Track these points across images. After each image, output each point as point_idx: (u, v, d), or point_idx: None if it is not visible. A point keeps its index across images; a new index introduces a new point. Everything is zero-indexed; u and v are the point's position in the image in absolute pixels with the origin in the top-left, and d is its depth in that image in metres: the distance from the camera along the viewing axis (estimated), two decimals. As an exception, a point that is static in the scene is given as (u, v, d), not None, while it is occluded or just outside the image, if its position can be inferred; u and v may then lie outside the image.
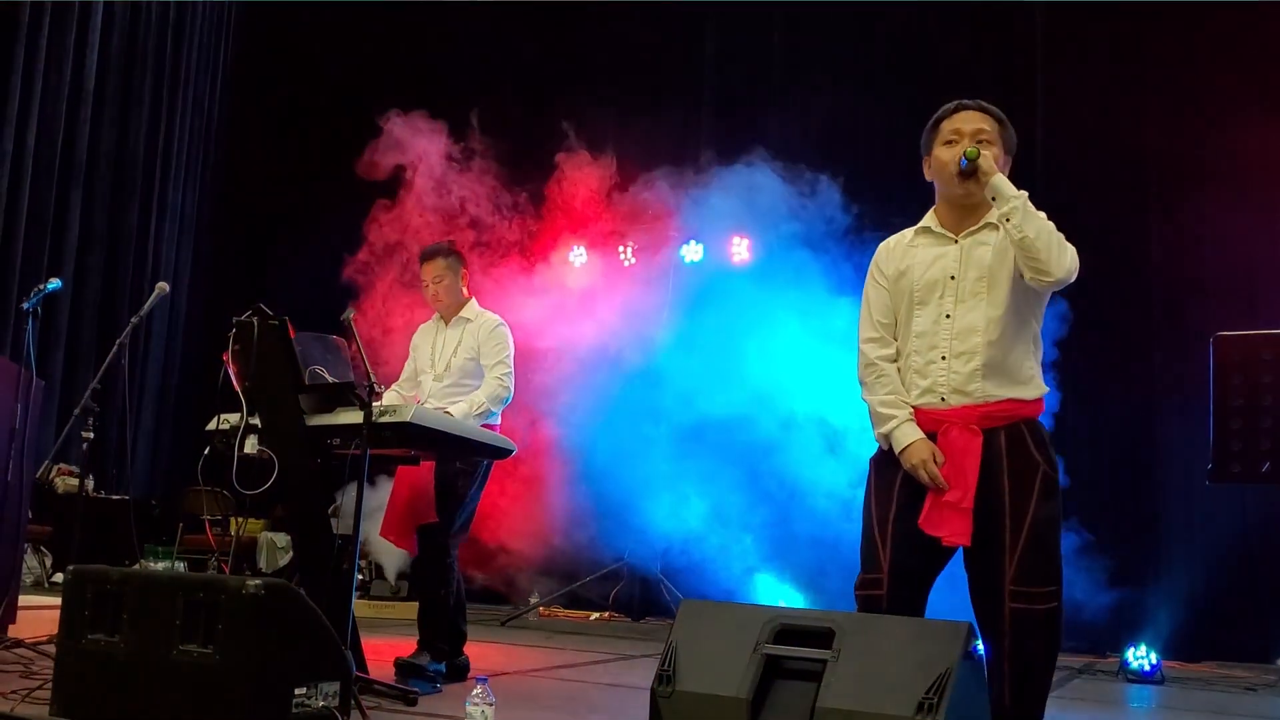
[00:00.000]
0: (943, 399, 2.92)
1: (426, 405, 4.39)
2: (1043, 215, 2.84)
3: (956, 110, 3.03)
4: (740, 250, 7.90)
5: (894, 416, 2.95)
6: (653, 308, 7.91)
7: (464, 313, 4.71)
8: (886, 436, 2.96)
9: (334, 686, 3.08)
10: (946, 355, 2.92)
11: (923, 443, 2.90)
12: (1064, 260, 2.82)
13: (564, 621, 7.55)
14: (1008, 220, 2.82)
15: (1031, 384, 2.95)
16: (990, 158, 2.88)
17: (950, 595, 2.99)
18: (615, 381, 7.79)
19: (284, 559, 7.79)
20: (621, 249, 8.23)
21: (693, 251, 8.08)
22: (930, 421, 2.93)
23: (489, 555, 7.75)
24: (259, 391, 3.79)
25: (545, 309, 7.90)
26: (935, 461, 2.86)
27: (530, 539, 7.81)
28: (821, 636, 2.51)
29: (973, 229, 2.98)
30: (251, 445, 3.73)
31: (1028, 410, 2.93)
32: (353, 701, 3.20)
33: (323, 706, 3.04)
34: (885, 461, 3.00)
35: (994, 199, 2.86)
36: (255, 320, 3.78)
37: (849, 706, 2.38)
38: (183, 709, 2.89)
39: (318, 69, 9.87)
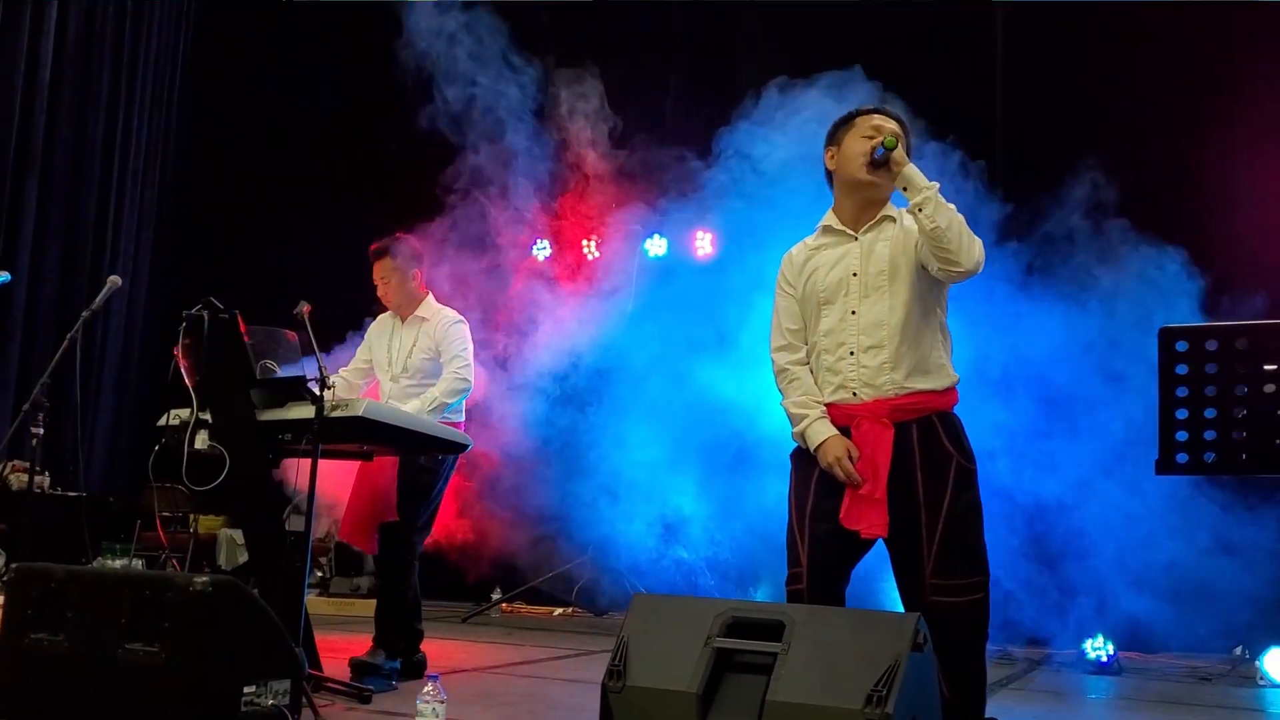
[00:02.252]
0: (854, 394, 2.99)
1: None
2: (953, 207, 2.89)
3: (875, 111, 3.15)
4: (704, 244, 7.87)
5: (806, 415, 3.03)
6: (618, 300, 7.89)
7: (420, 311, 4.66)
8: (802, 435, 3.04)
9: (284, 684, 3.04)
10: (855, 350, 3.00)
11: (836, 440, 2.96)
12: (973, 252, 2.89)
13: (527, 618, 7.52)
14: (920, 210, 2.89)
15: (941, 374, 3.02)
16: (903, 149, 2.97)
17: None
18: (581, 376, 7.76)
19: (244, 556, 7.71)
20: (586, 242, 8.19)
21: (656, 245, 8.05)
22: (843, 416, 3.00)
23: (451, 551, 7.70)
24: (210, 386, 3.74)
25: (516, 301, 7.90)
26: (850, 458, 2.90)
27: (493, 534, 7.77)
28: (772, 629, 2.51)
29: (871, 224, 3.07)
30: (202, 441, 3.68)
31: (940, 402, 3.00)
32: (304, 699, 3.16)
33: (272, 705, 3.00)
34: (803, 457, 3.04)
35: (905, 189, 2.92)
36: (206, 314, 3.73)
37: (799, 699, 2.38)
38: (128, 709, 2.85)
39: (279, 58, 9.76)
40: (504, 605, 7.67)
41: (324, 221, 8.89)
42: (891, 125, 3.08)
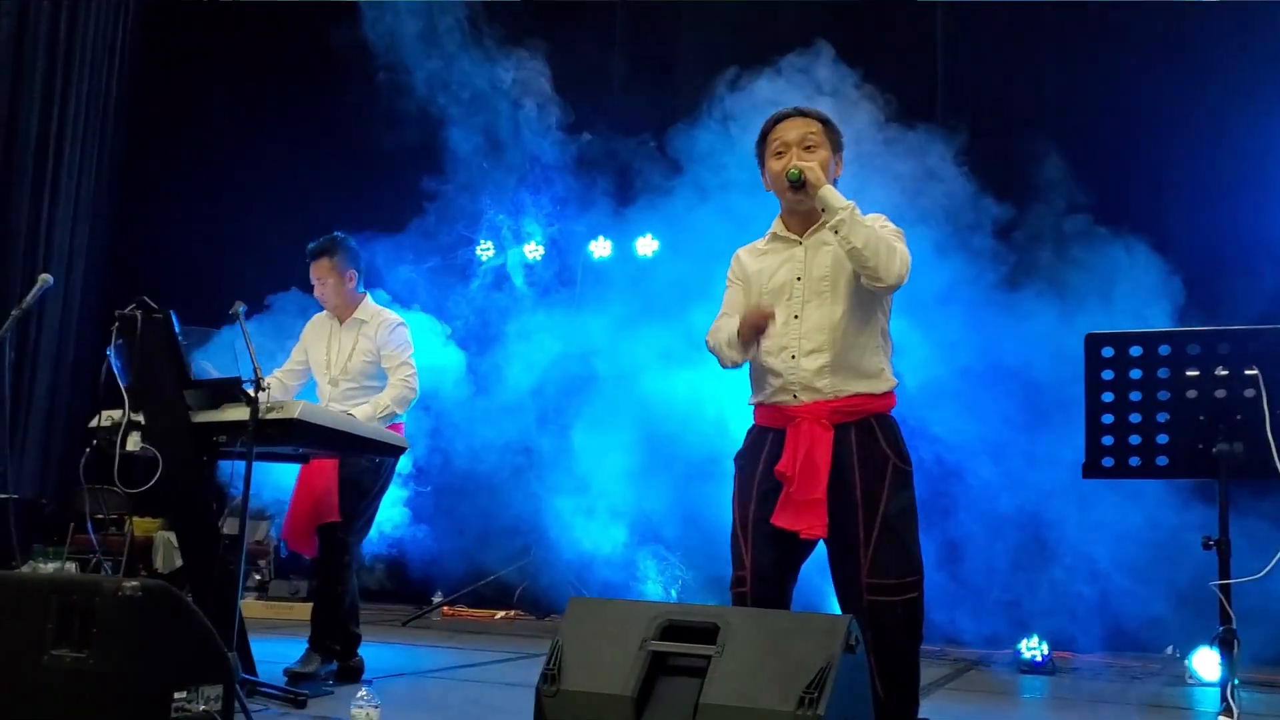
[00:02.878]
0: (795, 395, 3.03)
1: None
2: (871, 223, 2.94)
3: (780, 120, 3.14)
4: (647, 246, 7.84)
5: (722, 326, 3.13)
6: (564, 302, 7.87)
7: (358, 313, 4.61)
8: (729, 336, 3.08)
9: (216, 690, 3.00)
10: (796, 354, 3.03)
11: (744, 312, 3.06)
12: (893, 266, 2.92)
13: (468, 621, 7.47)
14: (836, 231, 2.92)
15: (880, 378, 3.07)
16: (816, 170, 2.98)
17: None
18: (524, 379, 7.73)
19: (181, 559, 7.58)
20: (529, 244, 8.17)
21: (601, 247, 8.03)
22: (782, 417, 3.03)
23: (391, 553, 7.64)
24: (142, 387, 3.68)
25: (465, 302, 7.86)
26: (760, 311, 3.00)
27: (434, 536, 7.72)
28: (706, 633, 2.52)
29: (815, 229, 3.09)
30: (134, 443, 3.62)
31: (877, 405, 3.04)
32: (237, 704, 3.12)
33: (203, 711, 2.95)
34: (745, 457, 3.07)
35: (823, 210, 2.94)
36: (139, 313, 3.68)
37: (732, 702, 2.40)
38: (55, 716, 2.79)
39: (219, 53, 9.62)
40: (445, 609, 7.62)
41: (264, 220, 8.78)
42: (798, 131, 3.06)
